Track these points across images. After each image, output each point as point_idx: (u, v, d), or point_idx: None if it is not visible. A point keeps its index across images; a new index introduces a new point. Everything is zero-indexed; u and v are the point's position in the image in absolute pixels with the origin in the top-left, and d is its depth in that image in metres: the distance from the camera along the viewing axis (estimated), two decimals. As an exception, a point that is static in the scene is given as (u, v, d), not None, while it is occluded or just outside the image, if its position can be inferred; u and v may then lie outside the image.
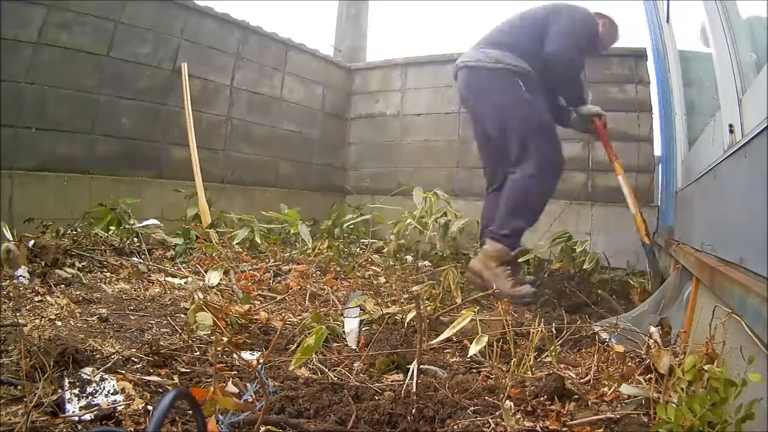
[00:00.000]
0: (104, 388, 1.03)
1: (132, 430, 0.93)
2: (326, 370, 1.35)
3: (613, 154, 2.85)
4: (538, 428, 1.00)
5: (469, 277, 2.61)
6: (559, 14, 2.64)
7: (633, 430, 0.98)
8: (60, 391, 1.01)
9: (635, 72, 3.88)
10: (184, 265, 2.49)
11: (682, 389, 1.03)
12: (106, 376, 1.08)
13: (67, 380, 1.03)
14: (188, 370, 1.26)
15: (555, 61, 2.55)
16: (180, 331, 1.56)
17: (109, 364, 1.16)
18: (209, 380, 1.17)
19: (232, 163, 3.99)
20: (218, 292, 2.06)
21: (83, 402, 0.99)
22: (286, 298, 2.09)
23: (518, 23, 2.71)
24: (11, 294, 1.71)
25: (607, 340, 1.62)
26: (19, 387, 1.01)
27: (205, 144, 3.70)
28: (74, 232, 2.54)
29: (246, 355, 1.41)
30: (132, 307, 1.77)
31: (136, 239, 2.69)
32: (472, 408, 1.09)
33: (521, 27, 2.68)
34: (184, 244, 2.80)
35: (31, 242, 2.10)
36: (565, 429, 1.00)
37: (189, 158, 3.44)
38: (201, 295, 1.86)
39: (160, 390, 1.13)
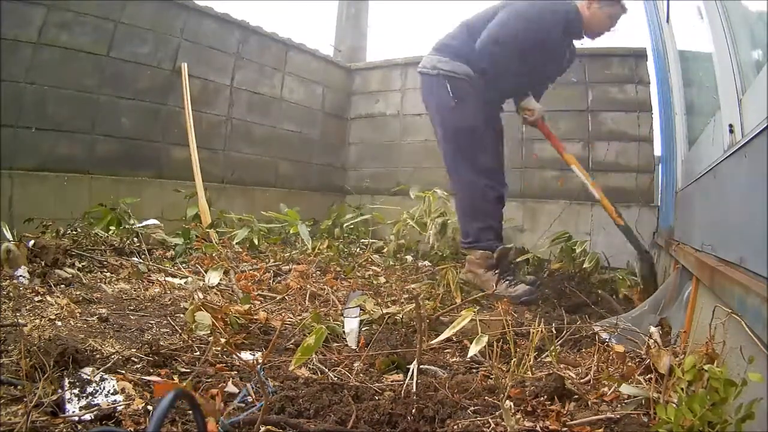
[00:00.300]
0: (104, 388, 1.03)
1: (132, 430, 0.93)
2: (326, 370, 1.35)
3: (560, 147, 2.84)
4: (538, 428, 1.00)
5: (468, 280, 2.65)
6: (505, 9, 2.52)
7: (633, 430, 0.98)
8: (60, 391, 1.01)
9: (635, 72, 3.88)
10: (184, 265, 2.49)
11: (682, 389, 1.03)
12: (106, 376, 1.08)
13: (67, 380, 1.03)
14: (188, 370, 1.26)
15: (479, 58, 2.48)
16: (180, 331, 1.55)
17: (109, 364, 1.16)
18: (209, 380, 1.18)
19: (232, 163, 3.99)
20: (218, 292, 2.06)
21: (83, 402, 0.99)
22: (286, 298, 2.09)
23: (467, 29, 2.63)
24: (11, 294, 1.71)
25: (607, 340, 1.62)
26: (19, 387, 1.01)
27: (205, 144, 3.70)
28: (74, 232, 2.54)
29: (246, 355, 1.41)
30: (132, 307, 1.77)
31: (136, 239, 2.69)
32: (472, 408, 1.09)
33: (469, 28, 2.61)
34: (184, 244, 2.80)
35: (31, 242, 2.10)
36: (565, 429, 1.00)
37: (189, 158, 3.44)
38: (201, 295, 1.87)
39: (160, 390, 1.13)
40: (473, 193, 2.59)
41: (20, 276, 1.91)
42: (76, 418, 0.94)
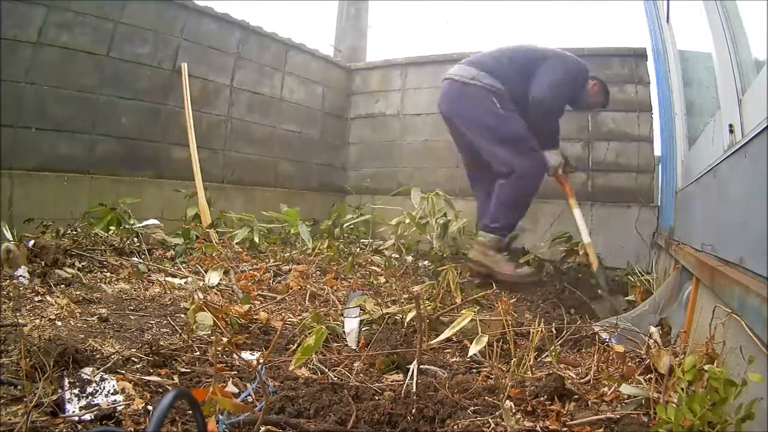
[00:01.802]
0: (104, 388, 1.03)
1: (132, 430, 0.93)
2: (326, 370, 1.35)
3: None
4: (538, 428, 1.00)
5: (472, 267, 2.85)
6: (551, 60, 2.87)
7: (633, 430, 0.98)
8: (60, 391, 1.01)
9: (635, 72, 3.88)
10: (184, 265, 2.49)
11: (682, 389, 1.03)
12: (106, 376, 1.08)
13: (67, 380, 1.03)
14: (188, 370, 1.26)
15: (536, 107, 2.80)
16: (180, 331, 1.55)
17: (109, 364, 1.16)
18: (209, 380, 1.18)
19: (232, 163, 3.99)
20: (218, 292, 2.06)
21: (83, 402, 0.99)
22: (286, 298, 2.09)
23: (508, 57, 2.92)
24: (11, 294, 1.70)
25: (607, 340, 1.62)
26: (19, 387, 1.01)
27: (205, 144, 3.70)
28: (74, 232, 2.54)
29: (246, 355, 1.41)
30: (132, 307, 1.77)
31: (136, 239, 2.69)
32: (472, 408, 1.09)
33: (511, 62, 2.90)
34: (184, 244, 2.79)
35: (31, 242, 2.10)
36: (565, 429, 1.00)
37: (189, 158, 3.44)
38: (201, 295, 1.86)
39: (160, 390, 1.13)
40: (516, 193, 2.83)
41: (20, 276, 1.91)
42: (76, 418, 0.94)
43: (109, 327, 1.52)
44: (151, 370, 1.22)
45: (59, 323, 1.50)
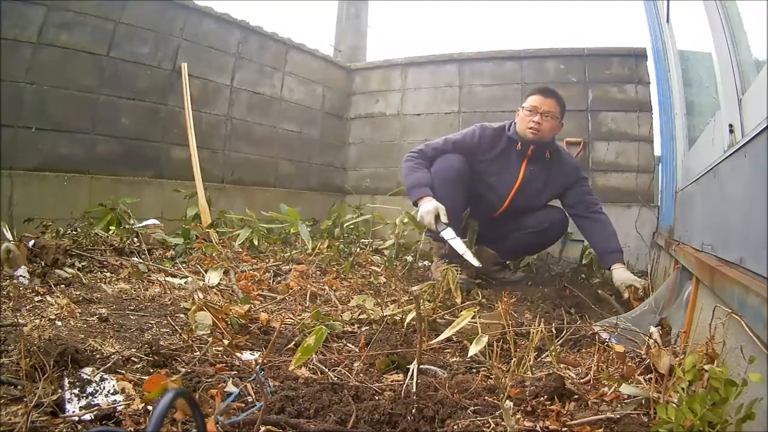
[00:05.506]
0: (104, 388, 1.03)
1: (132, 430, 0.93)
2: (326, 370, 1.35)
3: None
4: (538, 428, 1.00)
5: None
6: None
7: (633, 430, 0.98)
8: (60, 391, 1.01)
9: (635, 72, 3.88)
10: (184, 265, 2.48)
11: (683, 389, 1.03)
12: (106, 376, 1.08)
13: (67, 380, 1.03)
14: (188, 370, 1.26)
15: None
16: (180, 331, 1.55)
17: (109, 364, 1.16)
18: (209, 380, 1.18)
19: (232, 163, 3.99)
20: (218, 293, 2.06)
21: (83, 402, 0.99)
22: (286, 298, 2.09)
23: None
24: (11, 294, 1.70)
25: (607, 340, 1.62)
26: (19, 387, 1.01)
27: (205, 144, 3.70)
28: (74, 232, 2.54)
29: (246, 355, 1.41)
30: (132, 307, 1.77)
31: (136, 239, 2.69)
32: (472, 408, 1.09)
33: None
34: (184, 244, 2.79)
35: (31, 242, 2.10)
36: (565, 429, 1.00)
37: (189, 158, 3.44)
38: (201, 295, 1.86)
39: (160, 390, 1.12)
40: None
41: (20, 276, 1.91)
42: (76, 418, 0.94)
43: (109, 327, 1.52)
44: (151, 370, 1.22)
45: (59, 323, 1.50)
